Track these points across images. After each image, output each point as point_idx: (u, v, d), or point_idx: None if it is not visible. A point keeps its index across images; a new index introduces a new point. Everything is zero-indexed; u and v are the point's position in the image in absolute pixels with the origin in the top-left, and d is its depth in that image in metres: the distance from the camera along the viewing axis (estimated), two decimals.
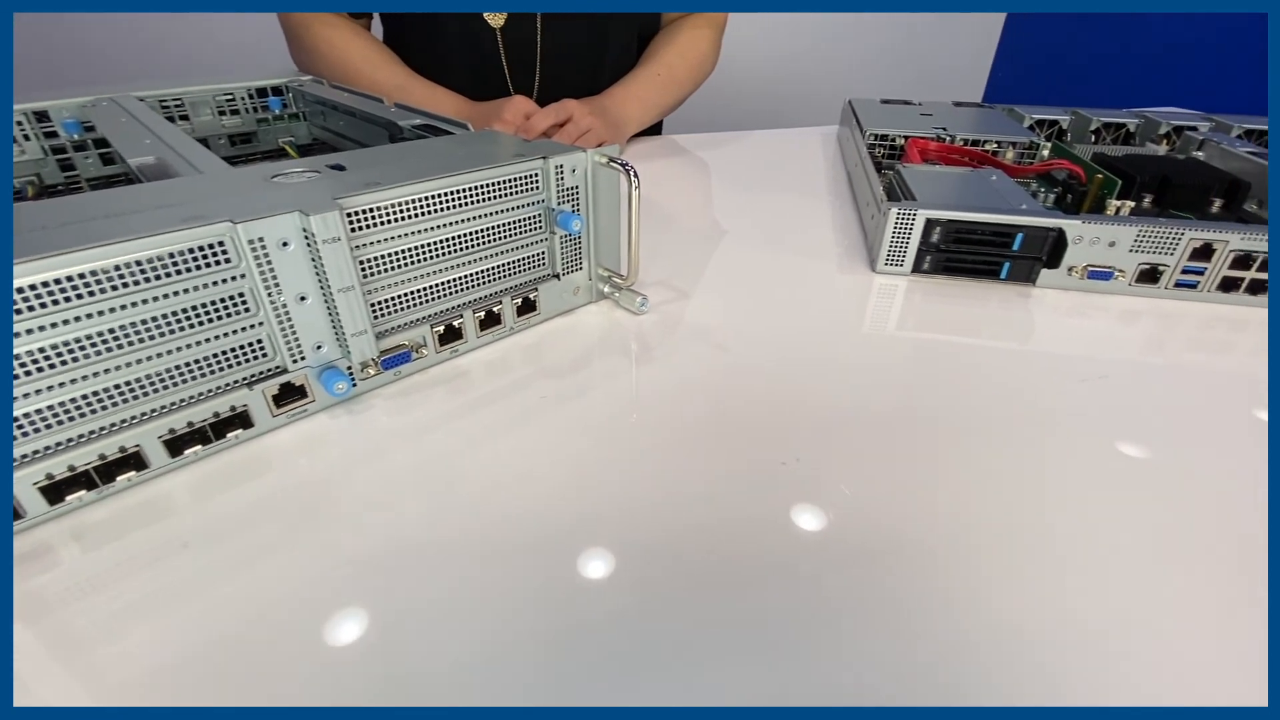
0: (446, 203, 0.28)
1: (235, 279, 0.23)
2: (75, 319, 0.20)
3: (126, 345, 0.22)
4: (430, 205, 0.28)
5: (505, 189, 0.30)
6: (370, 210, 0.26)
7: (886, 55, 1.71)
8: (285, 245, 0.24)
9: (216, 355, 0.24)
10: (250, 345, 0.25)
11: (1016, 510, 0.23)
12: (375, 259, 0.27)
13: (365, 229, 0.26)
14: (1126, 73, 1.37)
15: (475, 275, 0.31)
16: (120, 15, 1.27)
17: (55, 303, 0.20)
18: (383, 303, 0.28)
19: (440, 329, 0.30)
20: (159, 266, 0.21)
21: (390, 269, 0.28)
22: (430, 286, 0.29)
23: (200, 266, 0.22)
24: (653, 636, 0.19)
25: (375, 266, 0.27)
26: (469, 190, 0.29)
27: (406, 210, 0.27)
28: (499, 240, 0.31)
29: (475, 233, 0.30)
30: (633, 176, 0.32)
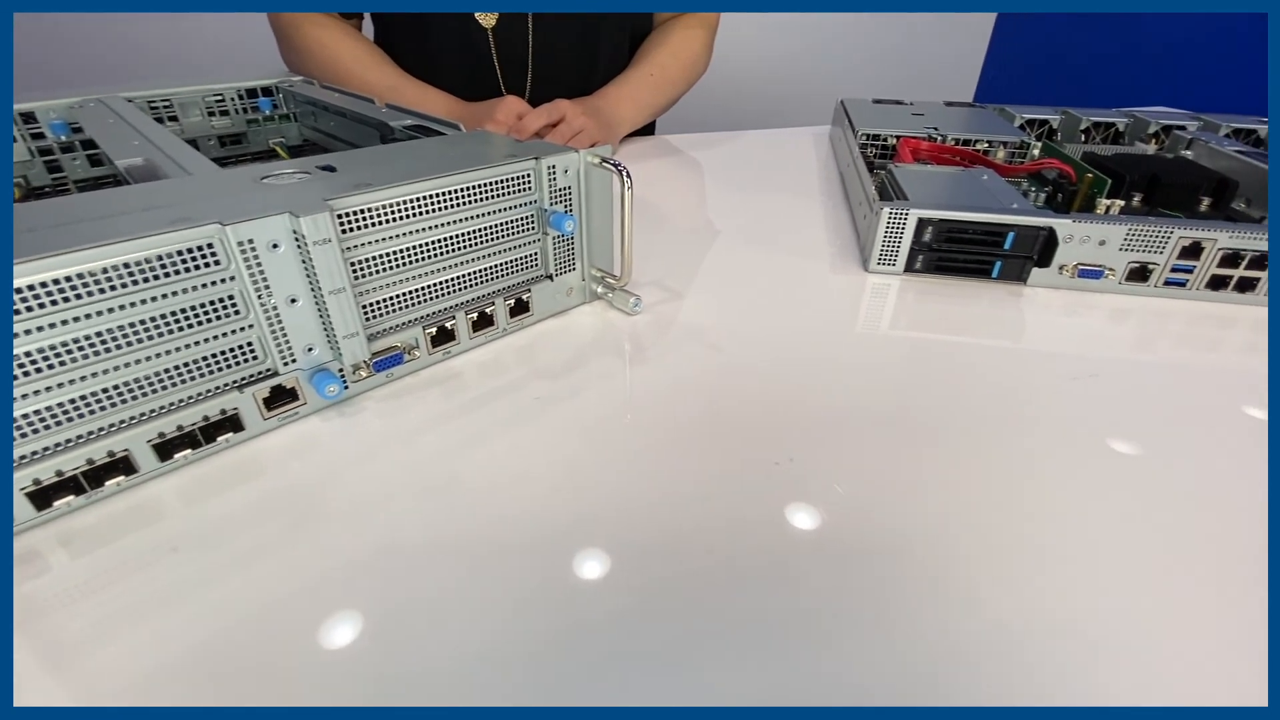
0: (438, 204, 0.28)
1: (225, 281, 0.23)
2: (62, 322, 0.20)
3: (114, 349, 0.21)
4: (422, 206, 0.28)
5: (497, 190, 0.30)
6: (361, 211, 0.26)
7: (878, 55, 1.71)
8: (275, 247, 0.23)
9: (206, 358, 0.24)
10: (240, 348, 0.24)
11: (1010, 508, 0.24)
12: (367, 260, 0.27)
13: (356, 230, 0.26)
14: (1116, 72, 1.38)
15: (468, 276, 0.31)
16: (108, 15, 1.26)
17: (42, 306, 0.19)
18: (374, 304, 0.28)
19: (433, 330, 0.30)
20: (147, 269, 0.21)
21: (382, 270, 0.28)
22: (422, 288, 0.29)
23: (189, 269, 0.22)
24: (649, 636, 0.19)
25: (367, 268, 0.27)
26: (461, 191, 0.29)
27: (398, 211, 0.27)
28: (491, 241, 0.31)
29: (467, 234, 0.30)
30: (625, 177, 0.32)
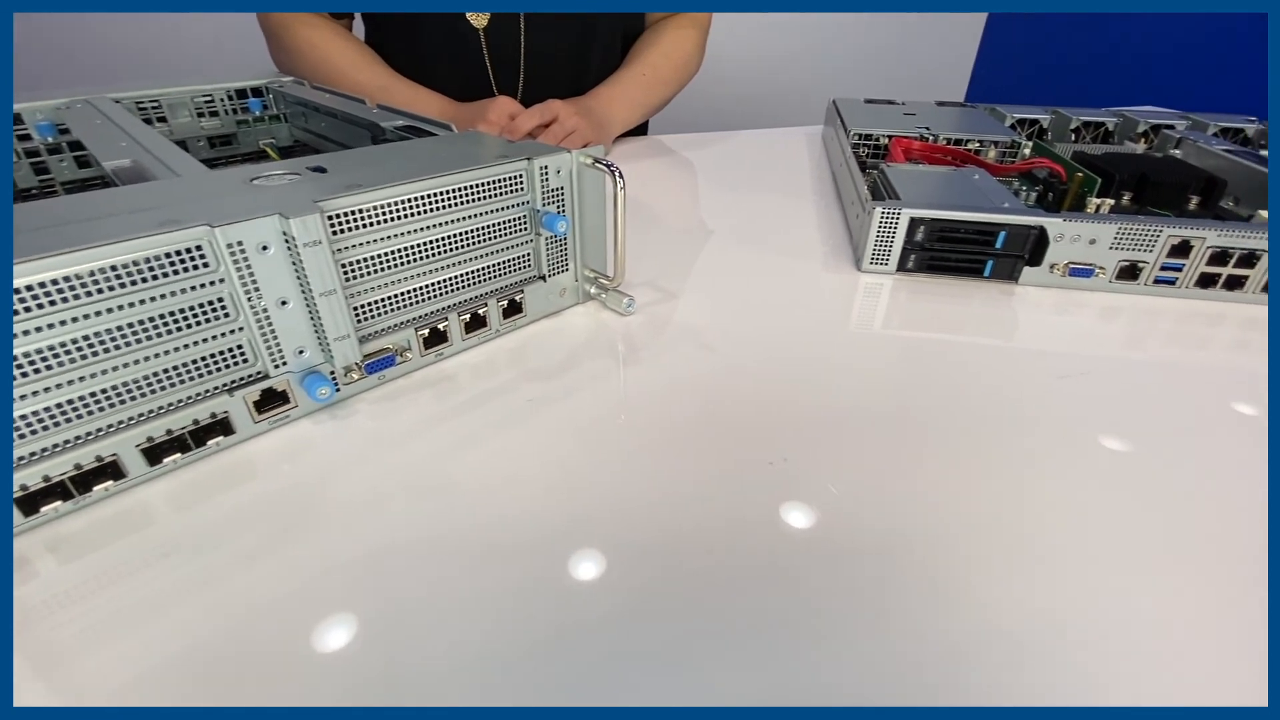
0: (430, 205, 0.28)
1: (214, 284, 0.23)
2: (49, 325, 0.20)
3: (102, 352, 0.21)
4: (413, 208, 0.28)
5: (489, 191, 0.30)
6: (352, 213, 0.26)
7: (870, 55, 1.72)
8: (265, 249, 0.23)
9: (195, 361, 0.23)
10: (230, 351, 0.24)
11: (1004, 507, 0.24)
12: (358, 262, 0.27)
13: (347, 232, 0.26)
14: (1106, 72, 1.39)
15: (460, 278, 0.31)
16: (96, 15, 1.25)
17: (28, 309, 0.19)
18: (366, 306, 0.28)
19: (425, 332, 0.30)
20: (135, 271, 0.21)
21: (373, 272, 0.27)
22: (414, 289, 0.29)
23: (177, 271, 0.22)
24: (645, 636, 0.19)
25: (358, 270, 0.27)
26: (452, 192, 0.29)
27: (389, 213, 0.27)
28: (484, 242, 0.31)
29: (459, 235, 0.30)
30: (618, 177, 0.32)
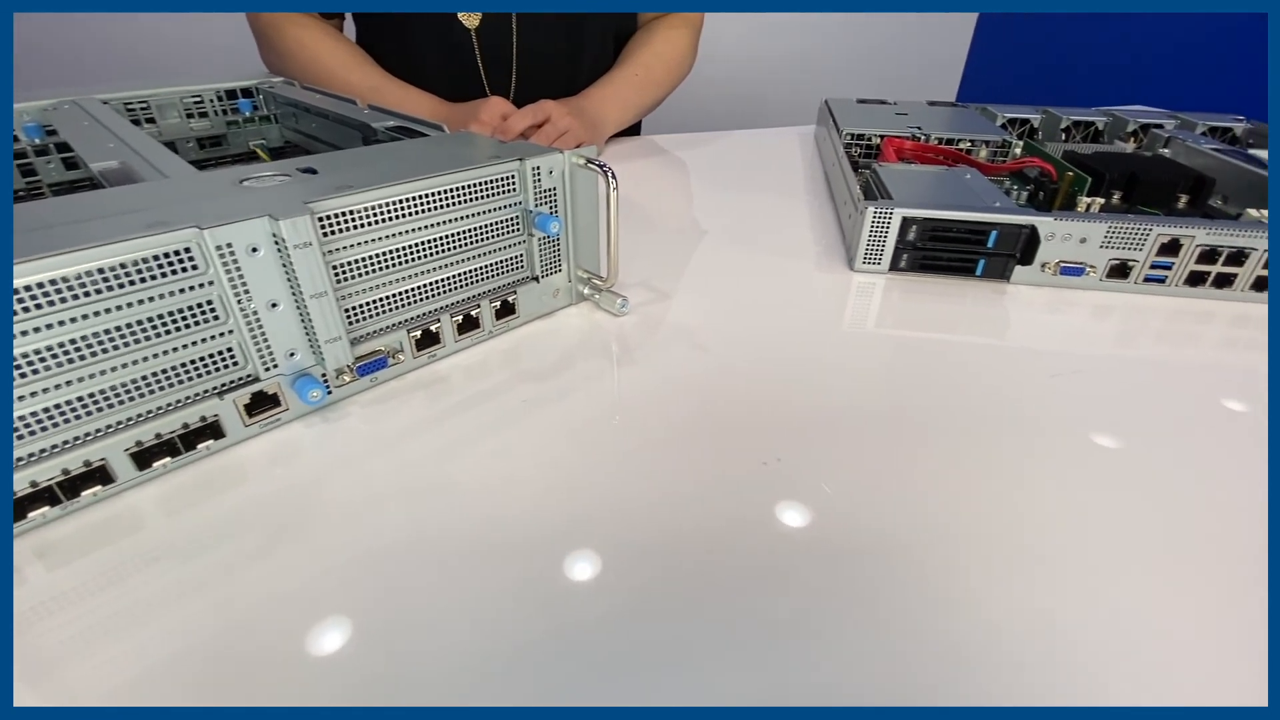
0: (421, 206, 0.28)
1: (203, 286, 0.23)
2: (35, 329, 0.20)
3: (90, 355, 0.21)
4: (404, 209, 0.27)
5: (481, 191, 0.30)
6: (343, 214, 0.26)
7: (862, 55, 1.72)
8: (255, 251, 0.23)
9: (185, 365, 0.23)
10: (220, 354, 0.24)
11: (998, 505, 0.24)
12: (349, 264, 0.27)
13: (338, 233, 0.26)
14: (1095, 71, 1.40)
15: (452, 279, 0.31)
16: (84, 16, 1.24)
17: (14, 313, 0.19)
18: (357, 308, 0.28)
19: (417, 334, 0.30)
20: (122, 274, 0.21)
21: (365, 274, 0.27)
22: (406, 291, 0.29)
23: (165, 274, 0.22)
24: (641, 636, 0.19)
25: (349, 271, 0.27)
26: (444, 193, 0.29)
27: (380, 214, 0.27)
28: (476, 243, 0.31)
29: (451, 236, 0.30)
30: (611, 178, 0.32)
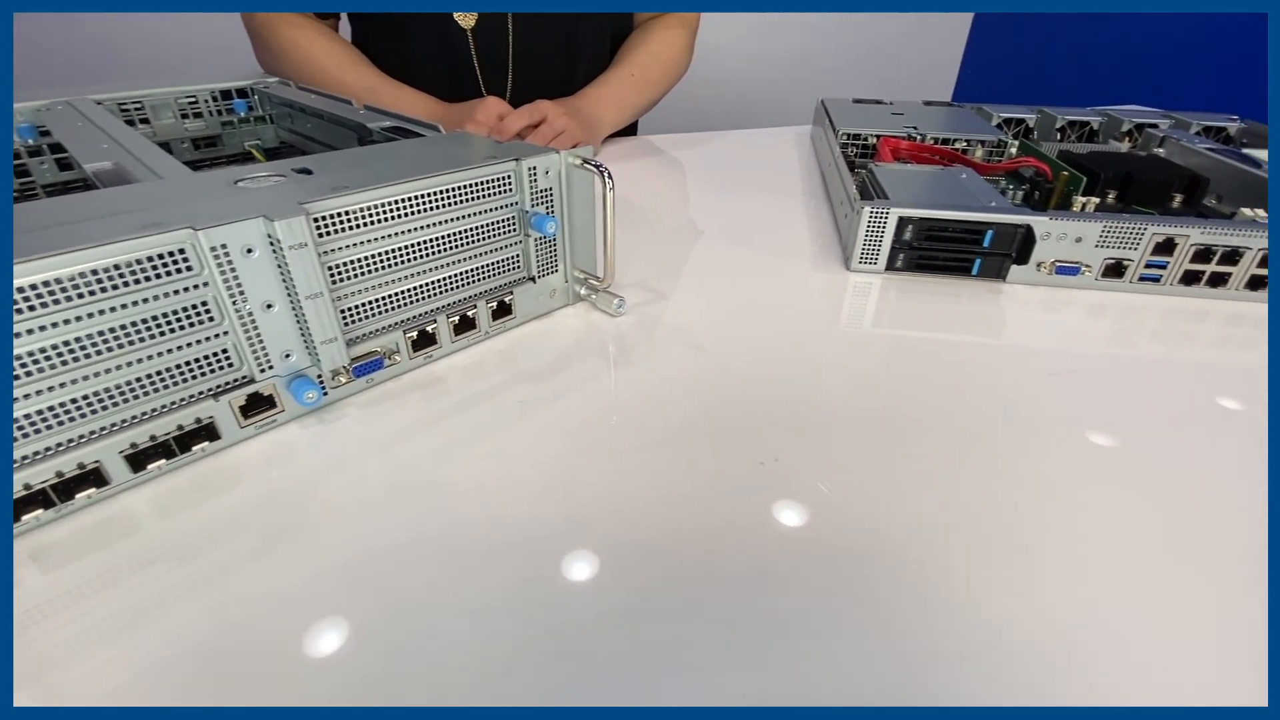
0: (417, 206, 0.28)
1: (197, 287, 0.22)
2: (28, 331, 0.19)
3: (83, 357, 0.21)
4: (400, 209, 0.27)
5: (478, 192, 0.30)
6: (338, 215, 0.25)
7: (858, 55, 1.73)
8: (250, 252, 0.23)
9: (179, 366, 0.23)
10: (215, 355, 0.24)
11: (995, 504, 0.24)
12: (344, 264, 0.26)
13: (333, 234, 0.26)
14: (1091, 71, 1.40)
15: (448, 279, 0.31)
16: (77, 16, 1.23)
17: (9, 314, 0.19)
18: (353, 309, 0.28)
19: (413, 334, 0.30)
20: (116, 275, 0.21)
21: (360, 274, 0.27)
22: (402, 292, 0.29)
23: (160, 275, 0.21)
24: (638, 637, 0.19)
25: (345, 272, 0.27)
26: (440, 193, 0.29)
27: (376, 215, 0.27)
28: (472, 244, 0.31)
29: (447, 236, 0.30)
30: (607, 178, 0.32)
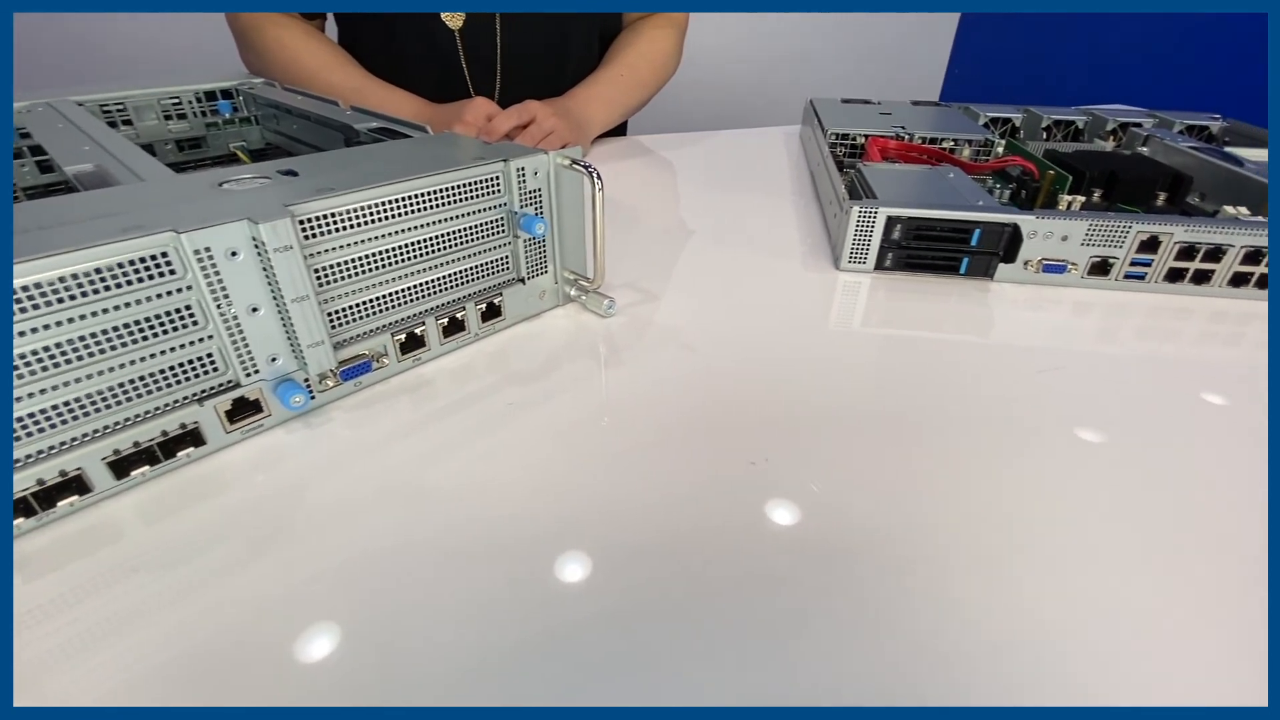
0: (404, 208, 0.28)
1: (180, 291, 0.22)
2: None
3: (64, 363, 0.20)
4: (388, 211, 0.27)
5: (466, 193, 0.30)
6: (324, 217, 0.25)
7: (846, 55, 1.73)
8: (234, 255, 0.23)
9: (163, 371, 0.23)
10: (199, 360, 0.24)
11: (986, 503, 0.24)
12: (331, 267, 0.26)
13: (319, 236, 0.25)
14: (1076, 71, 1.42)
15: (436, 281, 0.30)
16: (59, 16, 1.22)
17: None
18: (340, 312, 0.27)
19: (401, 337, 0.30)
20: (97, 280, 0.20)
21: (347, 277, 0.27)
22: (390, 294, 0.29)
23: (142, 279, 0.21)
24: (631, 637, 0.19)
25: (331, 275, 0.26)
26: (427, 195, 0.28)
27: (362, 216, 0.26)
28: (460, 245, 0.31)
29: (435, 238, 0.29)
30: (596, 179, 0.32)
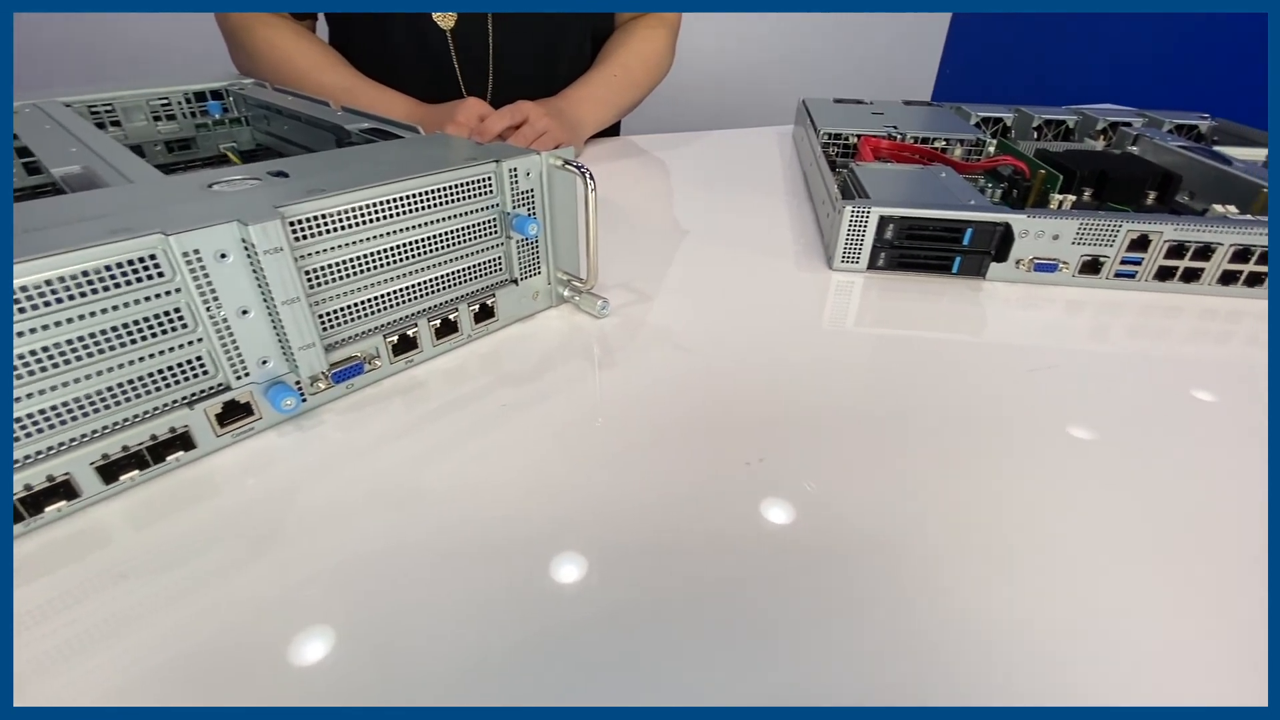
0: (396, 209, 0.28)
1: (169, 294, 0.22)
2: None
3: (51, 367, 0.20)
4: (379, 212, 0.27)
5: (457, 194, 0.30)
6: (315, 218, 0.25)
7: (838, 55, 1.74)
8: (224, 257, 0.23)
9: (152, 375, 0.23)
10: (189, 363, 0.23)
11: (982, 501, 0.24)
12: (322, 269, 0.26)
13: (310, 238, 0.25)
14: (1066, 70, 1.43)
15: (429, 283, 0.30)
16: (45, 16, 1.20)
17: None
18: (332, 314, 0.27)
19: (394, 339, 0.29)
20: (84, 282, 0.20)
21: (338, 279, 0.27)
22: (381, 295, 0.29)
23: (130, 281, 0.21)
24: (627, 637, 0.19)
25: (322, 276, 0.26)
26: (419, 196, 0.28)
27: (354, 218, 0.26)
28: (453, 246, 0.31)
29: (427, 239, 0.29)
30: (589, 179, 0.32)
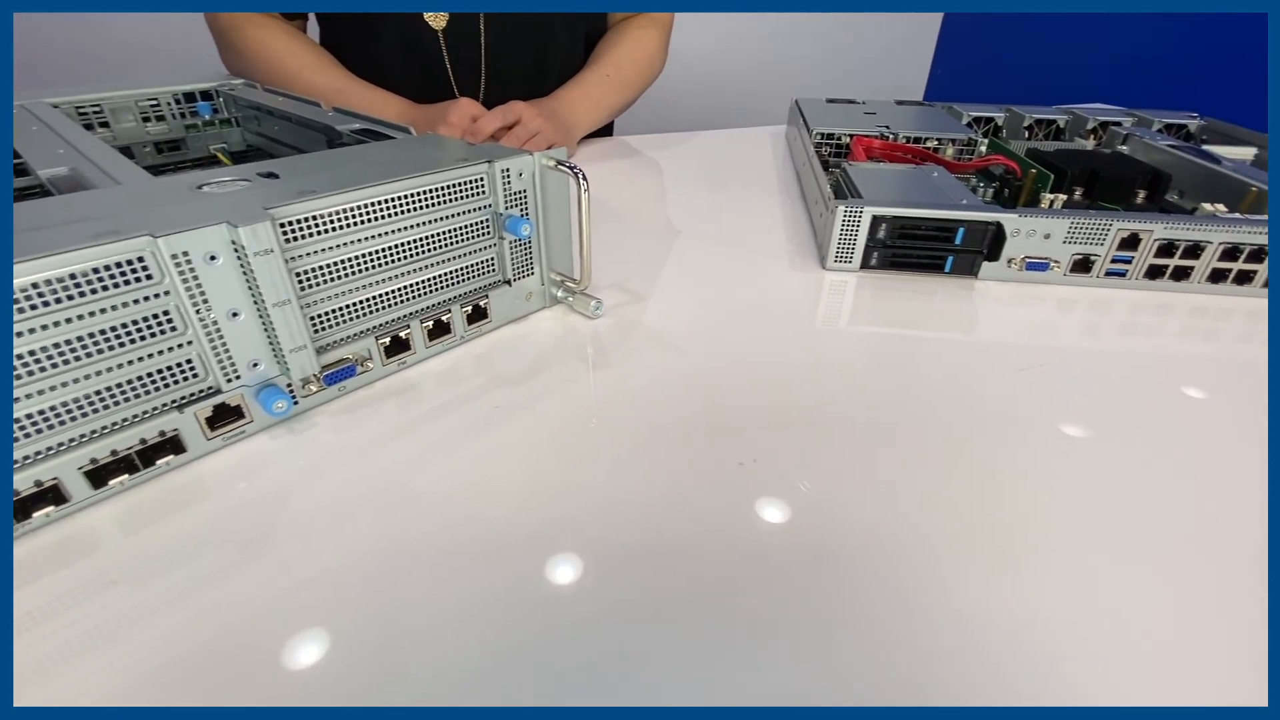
0: (387, 210, 0.27)
1: (158, 296, 0.22)
2: None
3: (38, 371, 0.20)
4: (370, 213, 0.27)
5: (450, 194, 0.30)
6: (306, 220, 0.25)
7: (831, 55, 1.74)
8: (213, 259, 0.22)
9: (141, 378, 0.22)
10: (179, 366, 0.23)
11: (976, 500, 0.24)
12: (313, 270, 0.26)
13: (301, 239, 0.25)
14: (1057, 70, 1.43)
15: (421, 284, 0.30)
16: (32, 16, 1.19)
17: None
18: (323, 315, 0.27)
19: (386, 340, 0.29)
20: (71, 286, 0.20)
21: (330, 280, 0.27)
22: (374, 297, 0.28)
23: (118, 284, 0.21)
24: (623, 637, 0.19)
25: (313, 278, 0.26)
26: (411, 197, 0.28)
27: (345, 219, 0.26)
28: (445, 247, 0.30)
29: (419, 240, 0.29)
30: (581, 180, 0.32)
